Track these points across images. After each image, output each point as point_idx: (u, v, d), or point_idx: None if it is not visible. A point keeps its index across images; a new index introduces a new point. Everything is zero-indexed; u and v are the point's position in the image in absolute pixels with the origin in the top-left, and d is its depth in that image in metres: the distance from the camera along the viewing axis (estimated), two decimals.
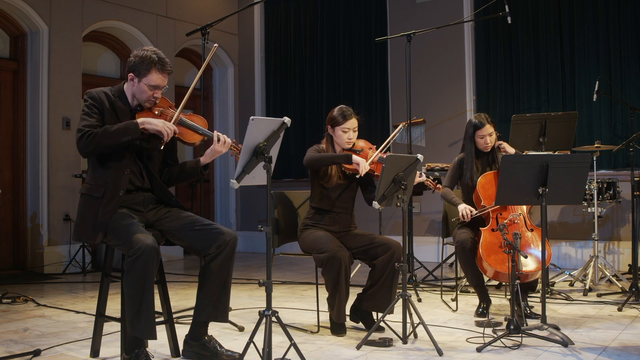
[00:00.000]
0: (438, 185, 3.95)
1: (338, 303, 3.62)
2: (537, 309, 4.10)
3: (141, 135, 3.04)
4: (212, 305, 3.10)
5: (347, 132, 3.85)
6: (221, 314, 3.13)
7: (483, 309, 4.12)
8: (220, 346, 3.15)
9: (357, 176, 3.70)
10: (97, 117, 3.07)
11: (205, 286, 3.10)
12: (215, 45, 3.28)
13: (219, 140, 3.16)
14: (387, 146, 3.96)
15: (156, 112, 3.18)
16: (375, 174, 3.84)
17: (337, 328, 3.72)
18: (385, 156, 3.81)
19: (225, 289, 3.12)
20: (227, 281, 3.12)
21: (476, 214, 4.14)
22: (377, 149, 3.94)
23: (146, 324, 2.87)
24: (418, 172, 3.78)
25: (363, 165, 3.67)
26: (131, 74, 3.14)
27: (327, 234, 3.76)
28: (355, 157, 3.71)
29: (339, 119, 3.85)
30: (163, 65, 3.13)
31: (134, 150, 3.15)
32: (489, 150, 4.29)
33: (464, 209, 4.16)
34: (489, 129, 4.22)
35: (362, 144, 3.96)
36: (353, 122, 3.86)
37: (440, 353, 3.24)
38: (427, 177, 4.01)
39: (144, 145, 3.18)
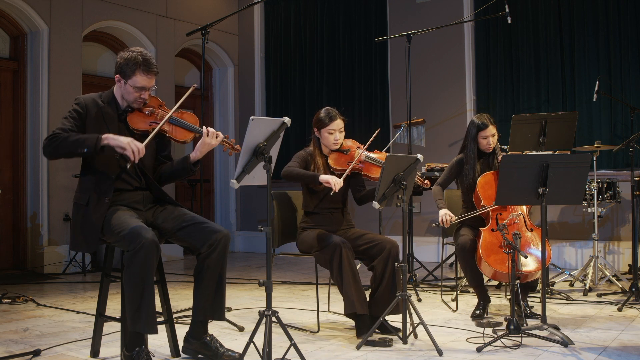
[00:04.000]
0: (426, 181, 3.91)
1: (346, 292, 3.54)
2: (537, 309, 4.10)
3: (100, 152, 2.99)
4: (209, 304, 3.10)
5: (333, 134, 3.85)
6: (217, 312, 3.13)
7: (480, 312, 4.09)
8: (221, 346, 3.15)
9: (332, 193, 3.61)
10: (73, 123, 3.07)
11: (200, 286, 3.11)
12: (195, 85, 3.28)
13: (208, 134, 3.14)
14: (372, 144, 3.92)
15: (146, 112, 3.18)
16: (363, 173, 3.84)
17: (357, 322, 3.61)
18: (373, 155, 3.82)
19: (219, 287, 3.12)
20: (221, 279, 3.11)
21: (456, 219, 4.14)
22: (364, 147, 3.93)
23: (147, 319, 2.86)
24: None
25: (333, 182, 3.58)
26: (118, 75, 3.17)
27: (324, 232, 3.77)
28: (322, 177, 3.64)
29: (325, 120, 3.85)
30: (148, 67, 3.12)
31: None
32: (490, 151, 4.29)
33: (444, 214, 4.15)
34: (492, 129, 4.22)
35: (349, 143, 3.95)
36: (339, 123, 3.86)
37: (440, 353, 3.24)
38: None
39: (122, 167, 3.17)
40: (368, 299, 3.79)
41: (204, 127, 3.17)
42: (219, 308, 3.14)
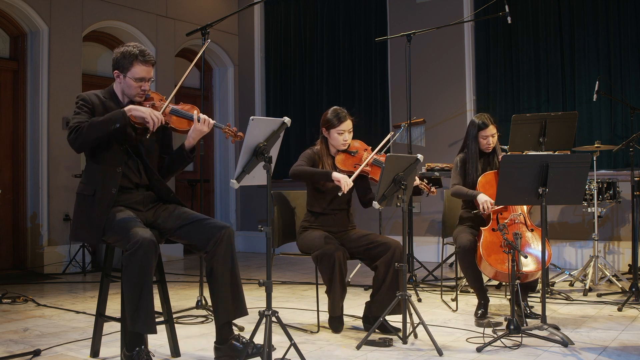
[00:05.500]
0: (432, 189, 3.90)
1: (332, 298, 3.67)
2: (537, 309, 4.10)
3: (130, 122, 3.02)
4: (229, 305, 3.05)
5: (343, 134, 3.84)
6: (239, 310, 3.08)
7: (483, 312, 4.08)
8: (251, 341, 3.05)
9: (340, 193, 3.60)
10: (87, 115, 3.09)
11: (216, 288, 3.06)
12: (208, 40, 3.28)
13: (199, 120, 3.16)
14: (383, 148, 3.93)
15: (147, 106, 3.20)
16: (370, 176, 3.83)
17: (333, 322, 3.75)
18: (380, 158, 3.80)
19: (235, 284, 3.07)
20: (235, 276, 3.07)
21: (496, 208, 4.07)
22: (372, 150, 3.92)
23: (145, 319, 2.86)
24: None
25: (344, 182, 3.58)
26: (116, 71, 3.19)
27: (324, 234, 3.77)
28: (335, 175, 3.63)
29: (334, 121, 3.83)
30: (144, 57, 3.16)
31: (128, 145, 3.14)
32: (489, 150, 4.29)
33: (485, 201, 4.01)
34: (492, 129, 4.23)
35: (357, 144, 3.93)
36: (348, 124, 3.84)
37: (440, 353, 3.24)
38: (422, 180, 3.97)
39: (139, 138, 3.19)
40: (369, 299, 3.80)
41: (195, 112, 3.20)
42: (240, 305, 3.07)
